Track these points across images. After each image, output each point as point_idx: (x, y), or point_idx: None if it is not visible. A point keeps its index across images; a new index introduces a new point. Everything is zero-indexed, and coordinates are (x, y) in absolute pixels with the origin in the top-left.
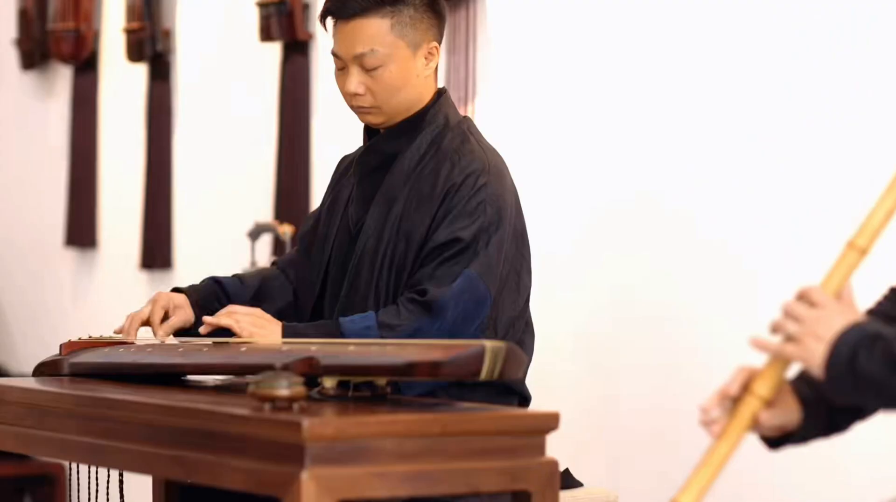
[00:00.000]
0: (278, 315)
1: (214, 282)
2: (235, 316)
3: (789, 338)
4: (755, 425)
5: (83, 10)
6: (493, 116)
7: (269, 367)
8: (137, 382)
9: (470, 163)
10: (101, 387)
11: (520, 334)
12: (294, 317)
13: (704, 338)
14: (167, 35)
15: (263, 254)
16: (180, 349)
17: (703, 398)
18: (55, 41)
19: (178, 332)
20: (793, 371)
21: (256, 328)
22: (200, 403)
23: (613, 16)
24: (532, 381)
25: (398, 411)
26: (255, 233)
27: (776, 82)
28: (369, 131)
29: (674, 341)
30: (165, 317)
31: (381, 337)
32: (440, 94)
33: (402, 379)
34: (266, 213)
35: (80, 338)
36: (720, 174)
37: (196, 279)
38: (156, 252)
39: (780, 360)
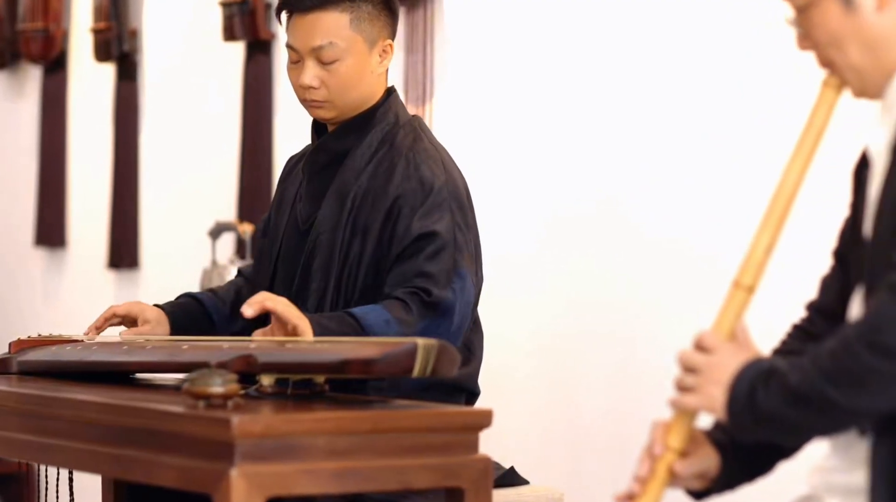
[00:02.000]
0: (252, 324)
1: (191, 299)
2: (279, 302)
3: (688, 390)
4: (673, 478)
5: (52, 10)
6: (450, 116)
7: (206, 365)
8: (86, 380)
9: (426, 161)
10: (46, 386)
11: (468, 333)
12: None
13: (663, 340)
14: (133, 35)
15: (225, 253)
16: (124, 347)
17: (660, 400)
18: (24, 41)
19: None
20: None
21: (297, 318)
22: (138, 401)
23: (571, 16)
24: (488, 381)
25: (328, 408)
26: (215, 232)
27: (733, 82)
28: (318, 129)
29: (632, 343)
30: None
31: (399, 332)
32: (390, 92)
33: (337, 377)
34: (230, 212)
35: (28, 337)
36: (680, 175)
37: (163, 278)
38: (122, 251)
39: (686, 411)
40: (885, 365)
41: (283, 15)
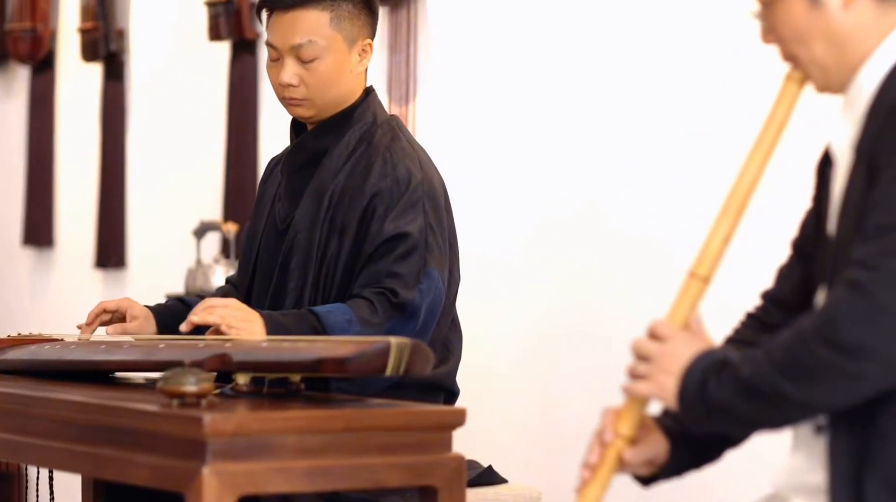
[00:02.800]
0: None
1: (181, 304)
2: (217, 310)
3: (640, 377)
4: (622, 464)
5: (40, 11)
6: (433, 115)
7: (181, 364)
8: (65, 379)
9: (403, 160)
10: (24, 385)
11: (445, 331)
12: None
13: None
14: (120, 35)
15: (210, 253)
16: (102, 346)
17: None
18: (12, 41)
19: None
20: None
21: (239, 321)
22: (112, 400)
23: (554, 17)
24: (469, 380)
25: (301, 407)
26: (200, 232)
27: (717, 84)
28: (296, 129)
29: (613, 344)
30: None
31: (361, 332)
32: (368, 92)
33: (312, 376)
34: (215, 212)
35: (8, 336)
36: (663, 177)
37: (150, 278)
38: (110, 251)
39: (637, 398)
40: (839, 360)
41: (264, 13)
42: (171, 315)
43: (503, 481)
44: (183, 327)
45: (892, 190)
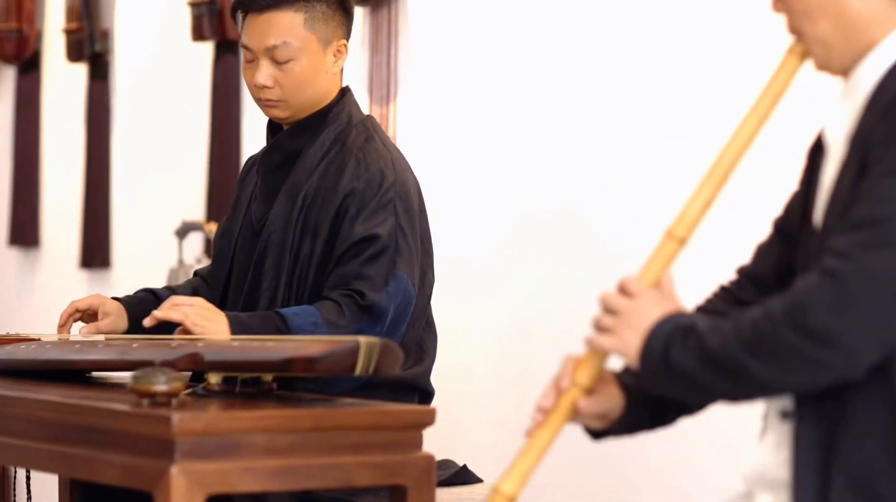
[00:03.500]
0: None
1: (150, 294)
2: (182, 309)
3: (605, 330)
4: (576, 413)
5: (25, 11)
6: (414, 116)
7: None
8: (41, 379)
9: (377, 161)
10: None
11: (420, 332)
12: None
13: None
14: (105, 35)
15: (192, 253)
16: (77, 346)
17: None
18: None
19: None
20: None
21: (203, 320)
22: (84, 399)
23: (533, 20)
24: (445, 381)
25: (270, 406)
26: (182, 232)
27: (696, 86)
28: (272, 129)
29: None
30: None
31: (327, 334)
32: (344, 92)
33: (282, 375)
34: (199, 211)
35: None
36: (641, 178)
37: (135, 278)
38: (95, 251)
39: (599, 351)
40: (804, 345)
41: (238, 14)
42: (141, 308)
43: (479, 480)
44: (146, 322)
45: (879, 185)
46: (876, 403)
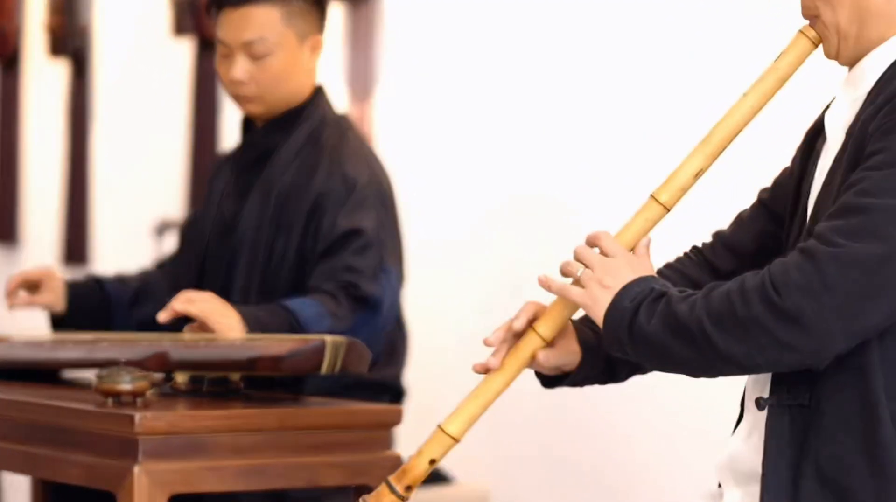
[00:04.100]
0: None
1: (95, 282)
2: (199, 304)
3: (576, 282)
4: (533, 362)
5: (5, 7)
6: (392, 111)
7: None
8: (10, 378)
9: (351, 159)
10: None
11: (391, 331)
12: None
13: None
14: (86, 31)
15: (171, 250)
16: (46, 345)
17: (591, 397)
18: None
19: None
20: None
21: (219, 317)
22: (49, 398)
23: (512, 15)
24: (419, 379)
25: (234, 405)
26: (160, 229)
27: (675, 77)
28: (246, 126)
29: None
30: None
31: (332, 325)
32: (318, 90)
33: (248, 374)
34: (180, 208)
35: None
36: (618, 169)
37: (113, 273)
38: (75, 248)
39: (565, 302)
40: (772, 324)
41: (214, 9)
42: (80, 294)
43: (451, 480)
44: (161, 316)
45: (870, 176)
46: (849, 397)
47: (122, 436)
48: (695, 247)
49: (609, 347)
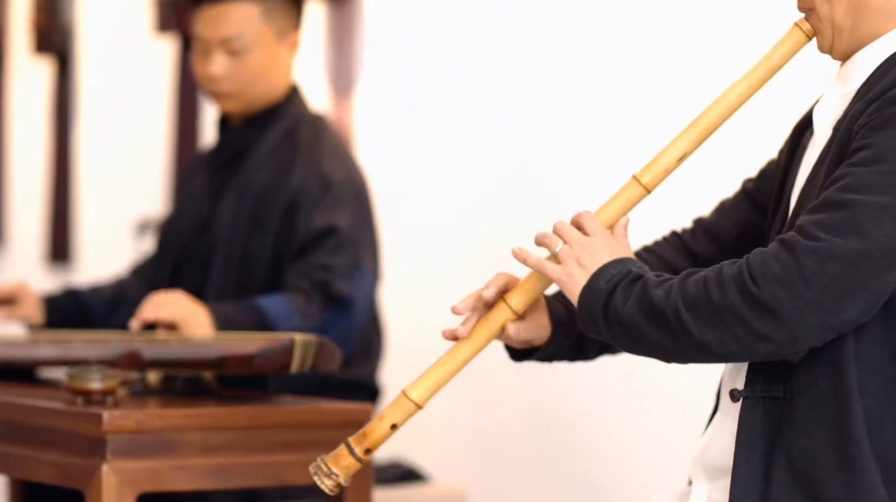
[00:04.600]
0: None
1: (71, 293)
2: (168, 306)
3: (552, 257)
4: (502, 334)
5: None
6: (373, 108)
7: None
8: None
9: (327, 157)
10: None
11: (366, 329)
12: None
13: None
14: (70, 28)
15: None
16: (21, 344)
17: (567, 393)
18: None
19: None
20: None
21: (189, 315)
22: (20, 397)
23: (493, 11)
24: (399, 374)
25: (204, 404)
26: (144, 227)
27: (657, 68)
28: (222, 125)
29: None
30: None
31: (300, 322)
32: (294, 89)
33: (220, 373)
34: (164, 207)
35: None
36: (597, 164)
37: (98, 272)
38: (60, 246)
39: (539, 277)
40: (748, 314)
41: (193, 5)
42: (58, 307)
43: (428, 479)
44: (134, 325)
45: (854, 172)
46: (822, 391)
47: (91, 435)
48: (674, 232)
49: (583, 327)
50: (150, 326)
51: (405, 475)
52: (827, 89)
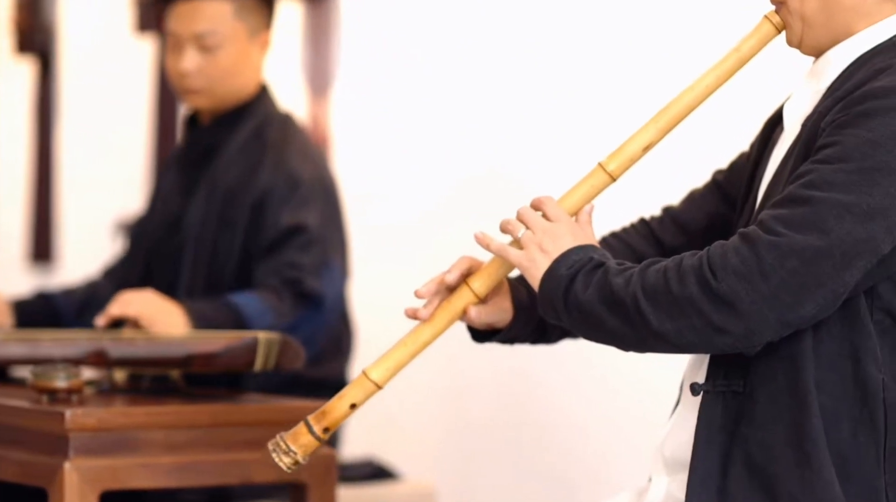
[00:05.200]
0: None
1: (41, 297)
2: (135, 304)
3: (515, 242)
4: (464, 317)
5: None
6: (349, 107)
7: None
8: None
9: (295, 155)
10: None
11: (336, 327)
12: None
13: None
14: (52, 28)
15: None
16: None
17: (540, 390)
18: None
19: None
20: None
21: (159, 314)
22: None
23: (463, 9)
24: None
25: (168, 402)
26: (119, 228)
27: (627, 62)
28: (191, 123)
29: None
30: None
31: (274, 321)
32: (263, 88)
33: (185, 371)
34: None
35: None
36: (565, 156)
37: (79, 271)
38: (42, 246)
39: (502, 261)
40: (706, 305)
41: (166, 1)
42: (28, 311)
43: (398, 476)
44: (100, 321)
45: (818, 168)
46: (780, 386)
47: (54, 433)
48: (642, 219)
49: (543, 312)
50: (118, 324)
51: (375, 473)
52: (799, 85)
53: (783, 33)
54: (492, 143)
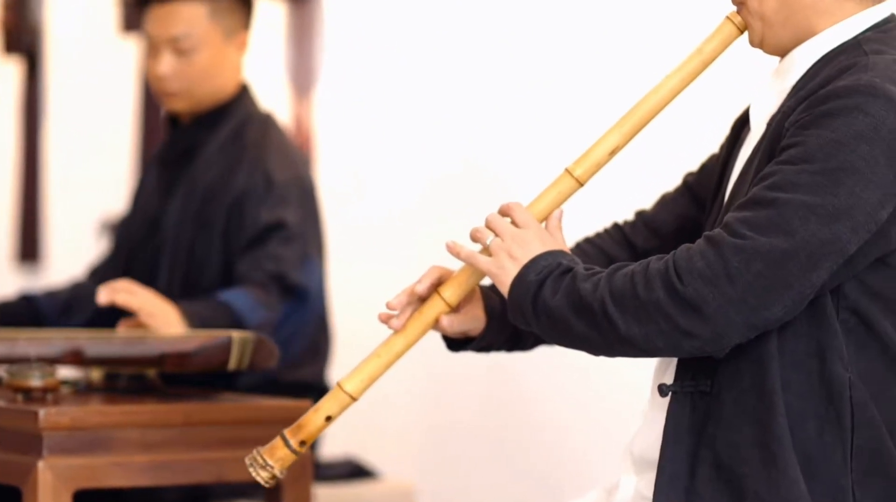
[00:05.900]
0: (89, 323)
1: (24, 299)
2: (139, 296)
3: (485, 250)
4: (437, 326)
5: None
6: (332, 107)
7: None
8: None
9: (273, 155)
10: None
11: (313, 330)
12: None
13: None
14: (38, 28)
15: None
16: None
17: (521, 388)
18: None
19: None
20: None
21: (158, 310)
22: None
23: (446, 9)
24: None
25: (143, 401)
26: (104, 228)
27: (593, 64)
28: (172, 123)
29: None
30: None
31: (264, 315)
32: (243, 88)
33: (160, 370)
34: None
35: None
36: (543, 154)
37: (66, 271)
38: (29, 245)
39: (472, 270)
40: (673, 310)
41: (142, 4)
42: (11, 312)
43: (377, 475)
44: (101, 298)
45: (782, 170)
46: (747, 387)
47: (28, 432)
48: (616, 224)
49: (513, 318)
50: (116, 316)
51: (354, 472)
52: (764, 84)
53: (746, 34)
54: (474, 144)
